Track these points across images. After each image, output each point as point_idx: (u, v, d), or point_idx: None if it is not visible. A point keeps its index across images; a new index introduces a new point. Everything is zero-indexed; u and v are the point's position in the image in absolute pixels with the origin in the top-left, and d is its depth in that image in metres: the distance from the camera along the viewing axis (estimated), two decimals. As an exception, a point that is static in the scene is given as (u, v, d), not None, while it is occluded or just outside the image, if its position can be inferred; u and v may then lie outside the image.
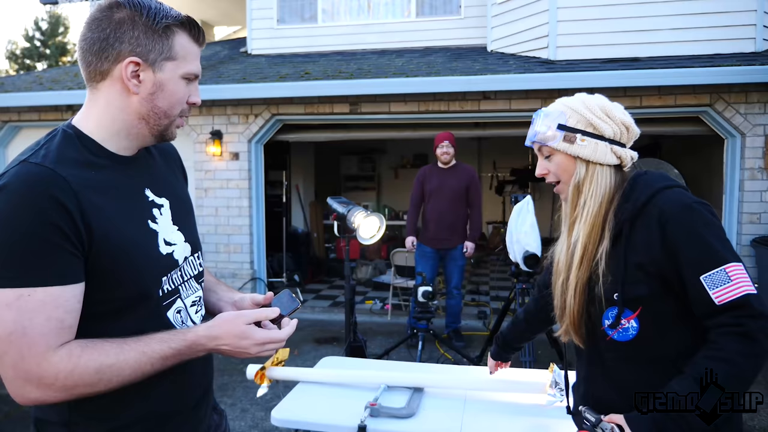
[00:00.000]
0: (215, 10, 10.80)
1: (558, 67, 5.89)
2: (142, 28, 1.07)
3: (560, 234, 1.50)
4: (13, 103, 7.00)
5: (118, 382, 1.02)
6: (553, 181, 1.45)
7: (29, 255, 0.95)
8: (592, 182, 1.37)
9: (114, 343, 1.03)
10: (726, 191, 5.84)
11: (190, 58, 1.14)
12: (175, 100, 1.13)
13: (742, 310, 1.17)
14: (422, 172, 5.34)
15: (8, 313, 0.95)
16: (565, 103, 1.42)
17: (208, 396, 1.33)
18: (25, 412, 3.78)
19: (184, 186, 1.39)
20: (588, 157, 1.37)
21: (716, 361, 1.17)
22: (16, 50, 26.25)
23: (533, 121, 1.46)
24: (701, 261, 1.21)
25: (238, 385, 4.24)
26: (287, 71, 6.83)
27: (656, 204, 1.28)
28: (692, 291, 1.22)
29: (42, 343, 0.96)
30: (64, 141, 1.08)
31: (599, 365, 1.41)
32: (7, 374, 0.98)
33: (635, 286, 1.28)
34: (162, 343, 1.07)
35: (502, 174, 10.94)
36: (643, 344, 1.30)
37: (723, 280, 1.18)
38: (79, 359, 0.99)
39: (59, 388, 0.98)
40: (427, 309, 4.49)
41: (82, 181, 1.03)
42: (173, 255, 1.18)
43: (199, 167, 6.77)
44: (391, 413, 2.05)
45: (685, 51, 5.89)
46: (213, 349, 1.13)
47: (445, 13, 7.61)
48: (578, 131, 1.37)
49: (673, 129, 6.19)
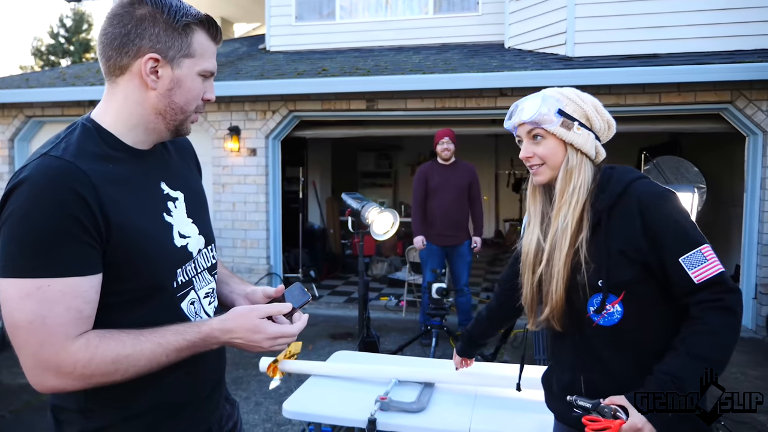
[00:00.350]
0: (235, 7, 10.89)
1: (576, 64, 5.84)
2: (162, 25, 1.10)
3: (528, 227, 1.54)
4: (37, 99, 7.14)
5: (134, 372, 1.05)
6: (537, 164, 1.46)
7: (49, 246, 0.98)
8: (581, 171, 1.43)
9: (130, 334, 1.06)
10: (747, 189, 5.75)
11: (207, 56, 1.16)
12: (192, 96, 1.16)
13: (719, 286, 1.29)
14: (423, 170, 5.29)
15: (28, 303, 0.97)
16: (560, 92, 1.46)
17: (220, 386, 1.34)
18: (45, 401, 3.87)
19: (198, 179, 1.41)
20: (580, 146, 1.42)
21: (704, 335, 1.27)
22: (41, 47, 26.66)
23: (520, 107, 1.47)
24: (679, 244, 1.31)
25: (252, 378, 4.29)
26: (305, 68, 6.87)
27: (632, 194, 1.37)
28: (672, 272, 1.31)
29: (61, 332, 0.99)
30: (84, 134, 1.10)
31: (587, 352, 1.44)
32: (27, 363, 1.00)
33: (619, 271, 1.35)
34: (177, 335, 1.10)
35: (519, 171, 10.88)
36: (628, 327, 1.37)
37: (700, 261, 1.29)
38: (97, 349, 1.01)
39: (77, 376, 1.01)
40: (441, 306, 4.50)
41: (101, 174, 1.05)
42: (187, 247, 1.21)
43: (216, 163, 6.84)
44: (401, 407, 2.07)
45: (706, 47, 5.80)
46: (226, 342, 1.15)
47: (462, 9, 7.59)
48: (575, 120, 1.43)
49: (693, 126, 6.10)
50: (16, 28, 52.66)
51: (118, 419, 1.12)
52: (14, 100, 7.23)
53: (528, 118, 1.43)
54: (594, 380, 1.44)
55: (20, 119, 7.46)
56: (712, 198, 6.81)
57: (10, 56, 48.37)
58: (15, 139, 7.56)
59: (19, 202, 0.99)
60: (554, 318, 1.44)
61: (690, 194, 3.56)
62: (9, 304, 0.98)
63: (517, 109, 1.48)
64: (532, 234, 1.52)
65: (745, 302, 5.74)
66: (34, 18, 53.54)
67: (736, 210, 6.25)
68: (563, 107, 1.42)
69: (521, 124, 1.46)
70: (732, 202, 6.70)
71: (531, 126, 1.44)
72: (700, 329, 1.28)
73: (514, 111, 1.49)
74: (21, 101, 7.24)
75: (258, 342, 1.14)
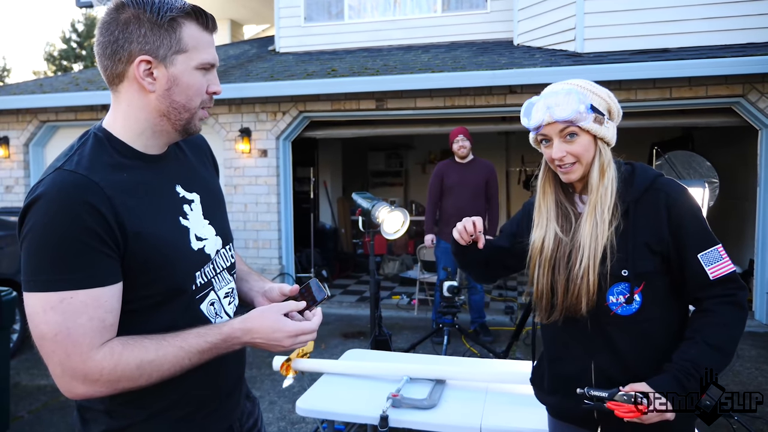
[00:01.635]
0: (244, 9, 10.95)
1: (585, 60, 5.82)
2: (147, 25, 1.07)
3: (539, 221, 1.53)
4: (51, 104, 7.23)
5: (158, 376, 1.07)
6: (570, 162, 1.43)
7: (69, 259, 1.01)
8: (611, 164, 1.44)
9: (153, 340, 1.08)
10: (760, 183, 5.70)
11: (201, 48, 1.12)
12: (193, 92, 1.13)
13: (732, 283, 1.37)
14: (440, 168, 5.29)
15: (53, 316, 1.00)
16: (582, 86, 1.43)
17: (240, 384, 1.36)
18: (63, 402, 3.94)
19: (215, 178, 1.40)
20: (610, 140, 1.44)
21: (718, 326, 1.34)
22: (53, 52, 26.99)
23: (546, 104, 1.41)
24: (700, 241, 1.38)
25: (266, 378, 4.33)
26: (314, 68, 6.90)
27: (660, 188, 1.42)
28: (690, 266, 1.38)
29: (85, 342, 1.02)
30: (96, 145, 1.11)
31: (601, 339, 1.45)
32: (56, 371, 1.03)
33: (641, 262, 1.39)
34: (199, 337, 1.11)
35: (530, 168, 10.85)
36: (643, 317, 1.40)
37: (716, 258, 1.36)
38: (121, 356, 1.04)
39: (104, 383, 1.04)
40: (453, 304, 4.51)
41: (114, 184, 1.06)
42: (204, 250, 1.21)
43: (228, 164, 6.89)
44: (412, 404, 2.09)
45: (717, 41, 5.75)
46: (248, 343, 1.16)
47: (471, 7, 7.58)
48: (603, 114, 1.43)
49: (705, 120, 6.06)
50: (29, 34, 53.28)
51: (141, 417, 1.15)
52: (29, 105, 7.34)
53: (565, 117, 1.38)
54: (606, 368, 1.45)
55: (34, 124, 7.57)
56: (726, 192, 6.75)
57: (24, 61, 48.94)
58: (30, 144, 7.67)
59: (37, 217, 1.01)
60: (585, 306, 1.41)
61: (701, 189, 3.55)
62: (35, 317, 1.01)
63: (541, 107, 1.42)
64: (548, 229, 1.50)
65: (759, 297, 5.69)
66: (47, 23, 54.13)
67: (749, 204, 6.19)
68: (592, 102, 1.41)
69: (552, 123, 1.41)
70: (745, 196, 6.64)
71: (565, 124, 1.40)
72: (713, 320, 1.35)
73: (537, 108, 1.43)
74: (35, 106, 7.35)
75: (279, 341, 1.14)
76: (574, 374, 1.49)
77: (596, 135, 1.41)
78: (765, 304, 5.63)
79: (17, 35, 53.31)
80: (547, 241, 1.49)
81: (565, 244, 1.47)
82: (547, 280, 1.49)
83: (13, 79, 27.66)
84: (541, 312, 1.54)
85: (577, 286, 1.41)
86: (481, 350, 4.82)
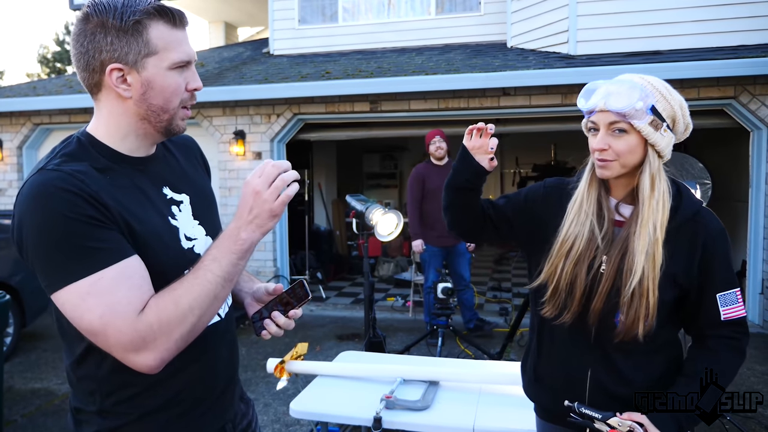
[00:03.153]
0: (239, 12, 10.95)
1: (578, 62, 5.85)
2: (113, 32, 1.05)
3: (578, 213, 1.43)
4: (44, 107, 7.22)
5: (198, 306, 1.05)
6: (610, 158, 1.35)
7: (80, 246, 1.00)
8: (662, 177, 1.36)
9: (177, 281, 1.08)
10: (752, 184, 5.74)
11: (172, 47, 1.10)
12: (169, 93, 1.11)
13: (740, 327, 1.38)
14: (420, 171, 5.22)
15: (91, 300, 0.99)
16: (653, 85, 1.34)
17: (233, 385, 1.35)
18: (57, 405, 3.93)
19: (205, 178, 1.39)
20: (662, 150, 1.34)
21: (722, 370, 1.35)
22: (47, 54, 26.90)
23: (608, 90, 1.33)
24: (723, 282, 1.37)
25: (260, 380, 4.33)
26: (308, 71, 6.91)
27: (701, 222, 1.38)
28: (706, 303, 1.38)
29: (130, 311, 1.01)
30: (78, 149, 1.11)
31: (600, 352, 1.43)
32: (120, 354, 1.02)
33: (663, 290, 1.35)
34: (209, 251, 1.10)
35: (524, 170, 10.88)
36: (646, 339, 1.37)
37: (732, 301, 1.36)
38: (158, 306, 1.03)
39: (162, 339, 1.02)
40: (447, 305, 4.52)
41: (99, 183, 1.06)
42: (194, 249, 1.21)
43: (222, 167, 6.89)
44: (406, 406, 2.10)
45: (709, 43, 5.80)
46: (252, 228, 1.09)
47: (464, 10, 7.61)
48: (664, 120, 1.33)
49: (697, 122, 5.93)
50: (22, 36, 53.09)
51: (133, 418, 1.15)
52: (22, 108, 7.31)
53: (618, 108, 1.30)
54: (602, 380, 1.43)
55: (28, 127, 7.55)
56: (718, 193, 6.78)
57: (17, 64, 48.77)
58: (23, 146, 7.65)
59: (32, 220, 1.01)
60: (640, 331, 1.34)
61: (693, 190, 3.57)
62: (76, 309, 1.00)
63: (600, 92, 1.34)
64: (585, 224, 1.41)
65: (752, 297, 5.73)
66: (40, 25, 53.95)
67: (742, 205, 6.24)
68: (656, 103, 1.32)
69: (604, 111, 1.33)
70: (738, 197, 6.68)
71: (617, 117, 1.31)
72: (718, 364, 1.36)
73: (596, 92, 1.35)
74: (29, 109, 7.32)
75: (265, 199, 1.08)
76: (569, 379, 1.48)
77: (647, 139, 1.32)
78: (758, 305, 5.67)
79: (10, 37, 53.12)
80: (581, 237, 1.40)
81: (596, 247, 1.40)
82: (569, 277, 1.41)
83: (6, 81, 27.57)
84: (550, 308, 1.45)
85: (634, 308, 1.33)
86: (476, 351, 4.83)
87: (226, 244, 1.10)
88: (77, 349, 1.13)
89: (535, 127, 6.46)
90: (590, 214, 1.41)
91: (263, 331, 1.25)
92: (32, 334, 5.53)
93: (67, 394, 2.83)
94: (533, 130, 6.52)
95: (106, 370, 1.12)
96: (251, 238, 1.10)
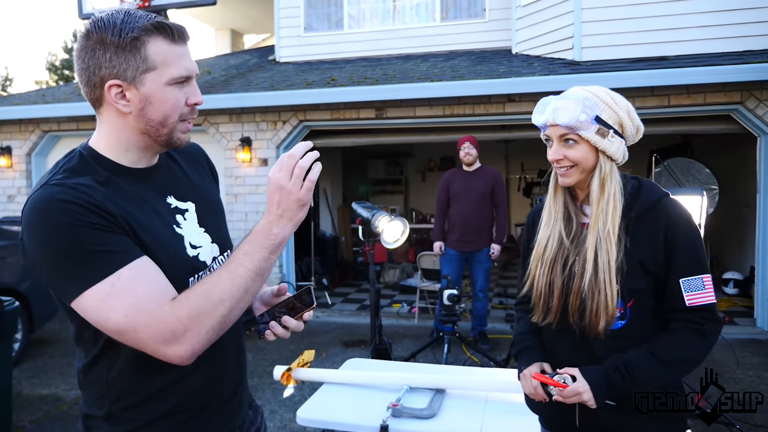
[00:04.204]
0: (245, 19, 11.02)
1: (583, 68, 5.85)
2: (112, 48, 1.07)
3: (548, 221, 1.53)
4: (53, 114, 7.28)
5: (229, 298, 1.07)
6: (567, 165, 1.45)
7: (90, 251, 1.01)
8: (613, 178, 1.43)
9: (208, 275, 1.11)
10: (760, 189, 5.71)
11: (171, 63, 1.10)
12: (168, 108, 1.12)
13: (706, 313, 1.39)
14: (447, 176, 5.37)
15: (113, 301, 1.01)
16: (596, 95, 1.42)
17: (241, 391, 1.35)
18: (64, 411, 3.95)
19: (211, 185, 1.40)
20: (612, 154, 1.42)
21: (671, 344, 1.38)
22: (55, 62, 27.12)
23: (554, 106, 1.42)
24: (686, 266, 1.39)
25: (267, 387, 4.33)
26: (314, 78, 6.94)
27: (664, 209, 1.42)
28: (670, 288, 1.40)
29: (154, 305, 1.02)
30: (80, 163, 1.12)
31: (585, 351, 1.47)
32: (151, 348, 1.03)
33: (635, 279, 1.39)
34: (241, 245, 1.12)
35: (529, 176, 10.87)
36: (627, 333, 1.42)
37: (698, 287, 1.38)
38: (188, 298, 1.05)
39: (192, 331, 1.03)
40: (453, 312, 4.52)
41: (103, 196, 1.07)
42: (199, 257, 1.22)
43: (229, 173, 6.92)
44: (412, 414, 2.10)
45: (715, 48, 5.79)
46: (282, 223, 1.11)
47: (469, 16, 7.63)
48: (610, 127, 1.41)
49: (703, 128, 6.08)
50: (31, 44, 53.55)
51: (141, 423, 1.16)
52: (31, 115, 7.38)
53: (564, 123, 1.40)
54: None
55: (37, 134, 7.61)
56: (725, 199, 6.77)
57: (26, 71, 49.18)
58: (32, 153, 7.70)
59: (39, 235, 1.02)
60: (601, 319, 1.40)
61: (699, 197, 3.57)
62: (99, 312, 1.01)
63: (549, 108, 1.44)
64: (554, 229, 1.51)
65: (761, 304, 5.70)
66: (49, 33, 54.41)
67: (749, 210, 6.21)
68: (600, 113, 1.40)
69: (554, 125, 1.44)
70: (745, 202, 6.66)
71: (565, 130, 1.42)
72: (669, 338, 1.40)
73: (546, 109, 1.45)
74: (37, 116, 7.39)
75: (289, 190, 1.10)
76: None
77: (596, 146, 1.41)
78: (766, 311, 5.64)
79: (20, 45, 53.58)
80: (551, 240, 1.51)
81: (566, 249, 1.49)
82: (546, 279, 1.50)
83: (15, 88, 27.78)
84: (537, 312, 1.55)
85: (595, 302, 1.40)
86: (482, 358, 4.82)
87: (259, 239, 1.11)
88: (90, 353, 1.15)
89: (540, 133, 6.45)
90: (558, 219, 1.52)
91: (267, 331, 1.26)
92: (40, 340, 5.56)
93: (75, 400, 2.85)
94: (539, 136, 6.50)
95: (115, 373, 1.13)
96: (283, 233, 1.12)
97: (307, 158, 1.12)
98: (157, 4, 7.43)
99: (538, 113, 1.47)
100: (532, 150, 10.47)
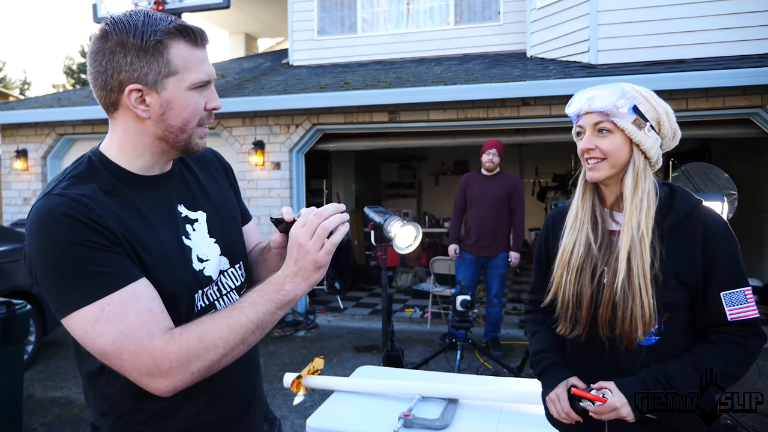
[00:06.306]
0: (259, 23, 11.07)
1: (599, 71, 5.78)
2: (133, 52, 1.03)
3: (573, 225, 1.46)
4: (68, 117, 7.33)
5: (224, 345, 1.02)
6: (598, 157, 1.37)
7: (84, 271, 0.98)
8: (647, 177, 1.37)
9: (209, 315, 1.06)
10: (780, 196, 5.60)
11: (192, 67, 1.07)
12: (188, 113, 1.09)
13: (750, 328, 1.32)
14: (465, 180, 5.33)
15: (101, 326, 0.98)
16: (636, 89, 1.37)
17: (255, 405, 1.31)
18: (76, 415, 3.95)
19: (227, 190, 1.35)
20: (647, 149, 1.36)
21: (715, 357, 1.31)
22: (72, 65, 27.47)
23: (590, 95, 1.37)
24: (727, 279, 1.32)
25: (277, 392, 4.30)
26: (327, 81, 6.93)
27: (700, 218, 1.34)
28: (711, 302, 1.33)
29: (144, 335, 0.99)
30: (88, 170, 1.09)
31: (614, 365, 1.40)
32: (135, 377, 1.00)
33: (671, 292, 1.32)
34: (249, 294, 1.08)
35: (544, 180, 10.78)
36: (662, 349, 1.35)
37: (740, 300, 1.31)
38: (182, 336, 1.01)
39: (178, 369, 1.00)
40: (466, 318, 4.46)
41: (106, 207, 1.03)
42: (205, 271, 1.17)
43: (241, 177, 6.92)
44: (424, 424, 2.05)
45: (734, 51, 5.69)
46: (298, 282, 1.07)
47: (483, 19, 7.58)
48: (647, 120, 1.35)
49: (722, 132, 5.97)
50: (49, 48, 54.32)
51: None
52: (46, 119, 7.44)
53: (600, 107, 1.34)
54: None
55: (52, 137, 7.67)
56: (745, 204, 6.64)
57: (44, 75, 49.90)
58: (48, 156, 7.77)
59: (37, 247, 1.00)
60: (639, 332, 1.32)
61: (719, 203, 3.48)
62: (86, 336, 0.99)
63: (584, 97, 1.38)
64: (580, 233, 1.43)
65: (781, 312, 5.57)
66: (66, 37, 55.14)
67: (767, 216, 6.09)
68: (638, 104, 1.35)
69: (589, 112, 1.37)
70: (765, 207, 6.53)
71: (600, 117, 1.35)
72: (712, 350, 1.32)
73: (582, 98, 1.39)
74: (53, 120, 7.45)
75: (308, 250, 1.06)
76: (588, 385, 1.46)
77: (632, 138, 1.34)
78: (786, 319, 5.51)
79: (38, 49, 54.38)
80: (578, 246, 1.43)
81: (594, 256, 1.41)
82: (573, 290, 1.42)
83: (33, 92, 28.19)
84: (564, 323, 1.46)
85: (629, 308, 1.32)
86: (495, 365, 4.75)
87: (269, 291, 1.07)
88: (91, 367, 1.12)
89: (555, 137, 6.38)
90: (586, 222, 1.44)
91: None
92: (53, 343, 5.59)
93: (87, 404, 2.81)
94: (553, 140, 6.44)
95: (117, 389, 1.10)
96: (295, 291, 1.07)
97: (333, 220, 1.07)
98: (171, 8, 7.47)
99: (575, 102, 1.41)
100: (547, 154, 10.41)
